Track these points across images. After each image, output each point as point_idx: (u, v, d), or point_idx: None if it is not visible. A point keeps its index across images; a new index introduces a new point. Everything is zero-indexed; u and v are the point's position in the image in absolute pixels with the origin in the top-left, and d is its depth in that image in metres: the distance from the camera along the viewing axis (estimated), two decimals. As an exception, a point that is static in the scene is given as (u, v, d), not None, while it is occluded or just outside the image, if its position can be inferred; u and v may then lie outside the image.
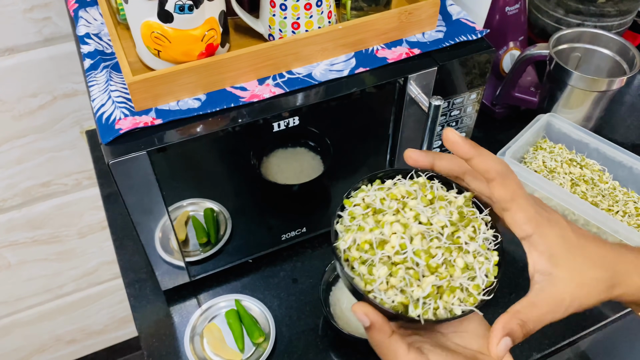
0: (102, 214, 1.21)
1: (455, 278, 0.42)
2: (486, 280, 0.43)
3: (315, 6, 0.62)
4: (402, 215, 0.44)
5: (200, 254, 0.74)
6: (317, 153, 0.71)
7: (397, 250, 0.42)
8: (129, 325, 1.57)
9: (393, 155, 0.76)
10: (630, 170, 0.84)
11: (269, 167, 0.69)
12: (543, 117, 0.89)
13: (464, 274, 0.42)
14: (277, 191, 0.73)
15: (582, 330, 0.74)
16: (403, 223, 0.43)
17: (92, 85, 0.61)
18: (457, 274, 0.42)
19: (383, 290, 0.41)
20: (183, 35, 0.57)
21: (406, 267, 0.42)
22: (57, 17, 0.90)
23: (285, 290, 0.78)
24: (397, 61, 0.66)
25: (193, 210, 0.68)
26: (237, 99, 0.60)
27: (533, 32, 1.10)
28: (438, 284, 0.41)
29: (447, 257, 0.42)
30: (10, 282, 1.24)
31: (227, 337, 0.73)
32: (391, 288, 0.41)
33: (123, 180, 0.58)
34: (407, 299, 0.41)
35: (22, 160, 1.05)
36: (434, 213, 0.44)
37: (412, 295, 0.41)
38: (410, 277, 0.41)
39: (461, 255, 0.43)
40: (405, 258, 0.42)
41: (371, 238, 0.42)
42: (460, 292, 0.42)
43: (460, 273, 0.42)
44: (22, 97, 0.96)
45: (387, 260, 0.42)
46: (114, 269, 1.37)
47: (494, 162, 0.43)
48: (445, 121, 0.75)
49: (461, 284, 0.42)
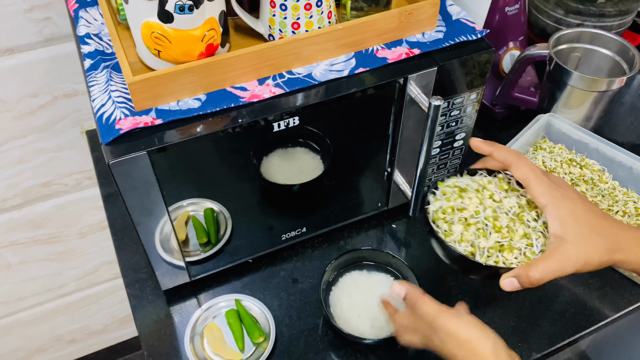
0: (102, 214, 1.21)
1: (515, 241, 0.56)
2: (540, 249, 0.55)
3: (315, 6, 0.62)
4: (480, 193, 0.59)
5: (200, 254, 0.74)
6: (317, 153, 0.71)
7: (472, 214, 0.57)
8: (129, 325, 1.57)
9: (393, 155, 0.76)
10: (630, 170, 0.84)
11: (269, 167, 0.69)
12: (543, 117, 0.90)
13: (522, 240, 0.56)
14: (278, 191, 0.73)
15: (582, 330, 0.74)
16: (479, 197, 0.59)
17: (92, 86, 0.61)
18: (516, 238, 0.56)
19: (457, 242, 0.57)
20: (183, 35, 0.57)
21: (477, 227, 0.57)
22: (57, 17, 0.90)
23: (285, 290, 0.78)
24: (397, 61, 0.66)
25: (193, 210, 0.68)
26: (237, 99, 0.60)
27: (533, 32, 1.10)
28: (501, 242, 0.55)
29: (511, 225, 0.56)
30: (10, 282, 1.24)
31: (227, 337, 0.73)
32: (464, 241, 0.57)
33: (123, 180, 0.58)
34: (475, 249, 0.56)
35: (23, 160, 1.05)
36: (507, 197, 0.59)
37: (479, 245, 0.56)
38: (479, 233, 0.57)
39: (522, 227, 0.56)
40: (477, 221, 0.57)
41: (453, 204, 0.59)
42: (518, 253, 0.55)
43: (519, 238, 0.56)
44: (23, 97, 0.96)
45: (465, 222, 0.58)
46: (114, 269, 1.37)
47: (508, 152, 0.57)
48: (445, 121, 0.75)
49: (520, 247, 0.55)
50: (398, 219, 0.87)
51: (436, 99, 0.63)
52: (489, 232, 0.56)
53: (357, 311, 0.71)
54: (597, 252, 0.52)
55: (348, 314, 0.71)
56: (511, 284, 0.53)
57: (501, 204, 0.58)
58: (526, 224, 0.57)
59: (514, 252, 0.55)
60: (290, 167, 0.70)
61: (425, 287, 0.75)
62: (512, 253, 0.55)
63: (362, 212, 0.84)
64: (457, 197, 0.60)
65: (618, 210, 0.81)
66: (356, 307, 0.72)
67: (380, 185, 0.81)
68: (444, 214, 0.59)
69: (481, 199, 0.59)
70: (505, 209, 0.58)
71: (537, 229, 0.57)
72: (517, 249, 0.55)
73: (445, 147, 0.79)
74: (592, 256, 0.52)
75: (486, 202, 0.59)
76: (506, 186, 0.60)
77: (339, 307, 0.72)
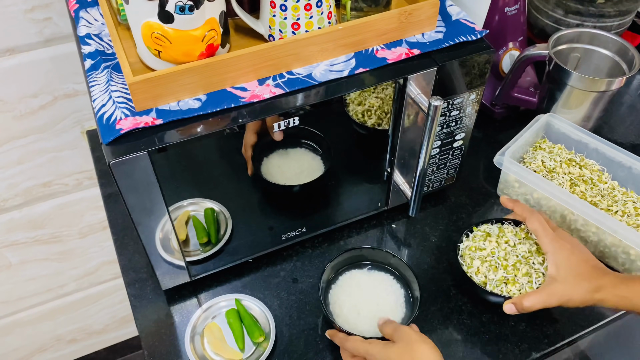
0: (102, 214, 1.21)
1: (518, 277, 0.72)
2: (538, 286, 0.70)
3: (315, 7, 0.63)
4: (500, 239, 0.76)
5: (200, 254, 0.74)
6: (317, 154, 0.71)
7: (488, 254, 0.74)
8: (129, 325, 1.57)
9: (393, 156, 0.76)
10: (630, 170, 0.84)
11: (269, 167, 0.69)
12: (542, 117, 0.90)
13: (524, 277, 0.71)
14: (278, 192, 0.74)
15: (582, 330, 0.75)
16: (498, 242, 0.75)
17: (92, 86, 0.61)
18: (519, 275, 0.72)
19: (475, 273, 0.74)
20: (183, 35, 0.57)
21: (490, 264, 0.74)
22: (57, 18, 0.90)
23: (285, 290, 0.78)
24: (397, 61, 0.66)
25: (193, 210, 0.69)
26: (237, 99, 0.61)
27: (532, 33, 1.10)
28: (506, 276, 0.72)
29: (517, 265, 0.72)
30: (11, 282, 1.24)
31: (227, 337, 0.73)
32: (479, 273, 0.74)
33: (124, 180, 0.58)
34: (486, 280, 0.73)
35: (23, 161, 1.05)
36: (521, 243, 0.75)
37: (489, 277, 0.73)
38: (491, 268, 0.73)
39: (527, 267, 0.72)
40: (492, 259, 0.74)
41: (477, 245, 0.76)
42: (520, 287, 0.71)
43: (522, 276, 0.71)
44: (23, 98, 0.96)
45: (483, 259, 0.74)
46: (115, 269, 1.37)
47: (524, 209, 0.72)
48: (445, 121, 0.75)
49: (522, 282, 0.71)
50: (398, 219, 0.87)
51: (436, 99, 0.63)
52: (499, 268, 0.73)
53: (356, 309, 0.71)
54: (579, 293, 0.65)
55: (347, 312, 0.71)
56: (510, 309, 0.68)
57: (515, 248, 0.74)
58: (531, 265, 0.72)
59: (516, 286, 0.71)
60: (290, 167, 0.71)
61: (424, 286, 0.76)
62: (515, 286, 0.71)
63: (362, 212, 0.84)
64: (481, 240, 0.76)
65: (617, 210, 0.81)
66: (355, 305, 0.72)
67: (380, 185, 0.81)
68: (470, 251, 0.76)
69: (499, 243, 0.75)
70: (518, 252, 0.74)
71: (540, 270, 0.71)
72: (519, 283, 0.71)
73: (445, 147, 0.79)
74: (574, 295, 0.65)
75: (502, 245, 0.75)
76: (523, 235, 0.76)
77: (338, 306, 0.72)
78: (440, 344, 0.73)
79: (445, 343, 0.73)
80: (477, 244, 0.76)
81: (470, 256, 0.75)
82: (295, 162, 0.70)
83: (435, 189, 0.87)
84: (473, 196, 0.90)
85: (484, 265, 0.73)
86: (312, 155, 0.71)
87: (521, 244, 0.74)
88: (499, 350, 0.72)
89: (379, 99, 0.68)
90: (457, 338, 0.74)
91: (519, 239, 0.75)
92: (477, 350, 0.73)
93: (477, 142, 0.97)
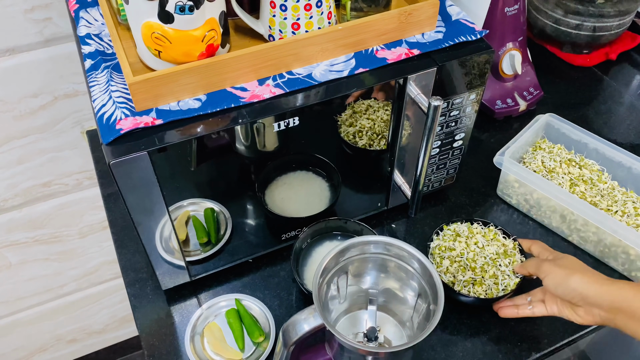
0: (102, 214, 1.21)
1: (485, 278, 0.74)
2: (503, 288, 0.73)
3: (315, 7, 0.63)
4: (469, 239, 0.78)
5: (200, 254, 0.74)
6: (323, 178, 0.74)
7: (457, 255, 0.76)
8: (129, 325, 1.57)
9: (393, 155, 0.77)
10: (629, 170, 0.84)
11: (273, 197, 0.71)
12: (542, 117, 0.90)
13: (491, 279, 0.74)
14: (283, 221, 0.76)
15: (582, 330, 0.75)
16: (467, 243, 0.77)
17: (92, 86, 0.61)
18: (486, 277, 0.74)
19: (444, 273, 0.75)
20: (183, 35, 0.57)
21: (459, 264, 0.75)
22: (57, 18, 0.90)
23: (285, 290, 0.78)
24: (397, 62, 0.66)
25: (193, 210, 0.69)
26: (237, 99, 0.61)
27: (532, 33, 1.10)
28: (474, 277, 0.74)
29: (485, 267, 0.75)
30: (11, 282, 1.24)
31: (227, 337, 0.73)
32: (448, 272, 0.75)
33: (124, 180, 0.58)
34: (455, 280, 0.74)
35: (23, 160, 1.05)
36: (489, 245, 0.77)
37: (457, 277, 0.74)
38: (460, 268, 0.75)
39: (494, 269, 0.74)
40: (461, 260, 0.76)
41: (446, 244, 0.78)
42: (487, 288, 0.73)
43: (489, 277, 0.74)
44: (23, 98, 0.96)
45: (452, 259, 0.76)
46: (115, 269, 1.37)
47: (536, 245, 0.74)
48: (445, 121, 0.75)
49: (488, 284, 0.73)
50: (398, 219, 0.87)
51: (436, 99, 0.63)
52: (467, 269, 0.75)
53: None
54: None
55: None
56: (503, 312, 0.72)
57: (483, 250, 0.76)
58: (497, 267, 0.74)
59: (482, 287, 0.73)
60: (295, 194, 0.72)
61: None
62: (481, 287, 0.73)
63: (362, 212, 0.84)
64: (450, 240, 0.78)
65: (617, 210, 0.81)
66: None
67: (380, 185, 0.81)
68: (439, 251, 0.77)
69: (468, 244, 0.77)
70: (486, 254, 0.76)
71: (506, 272, 0.74)
72: (485, 284, 0.73)
73: (445, 147, 0.79)
74: None
75: (471, 247, 0.77)
76: (492, 236, 0.78)
77: None
78: (440, 344, 0.73)
79: (445, 343, 0.73)
80: (447, 244, 0.78)
81: (440, 255, 0.77)
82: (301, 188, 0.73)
83: (435, 189, 0.87)
84: (473, 196, 0.90)
85: (453, 266, 0.75)
86: (320, 181, 0.74)
87: (489, 246, 0.77)
88: (499, 350, 0.73)
89: (371, 120, 0.69)
90: (457, 338, 0.74)
91: (487, 240, 0.77)
92: (477, 350, 0.73)
93: (477, 142, 0.97)
